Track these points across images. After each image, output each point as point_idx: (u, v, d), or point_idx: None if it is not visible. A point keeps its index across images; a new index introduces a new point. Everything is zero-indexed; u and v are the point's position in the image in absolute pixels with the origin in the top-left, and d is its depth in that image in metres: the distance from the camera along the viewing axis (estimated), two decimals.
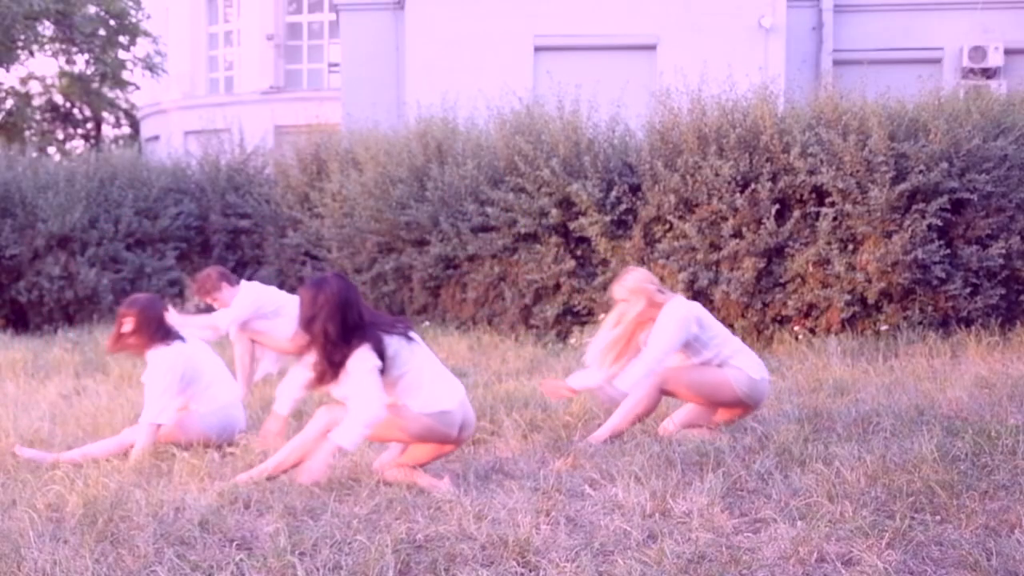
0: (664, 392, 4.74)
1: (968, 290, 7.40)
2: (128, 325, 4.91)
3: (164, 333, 4.93)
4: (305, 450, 4.07)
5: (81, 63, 22.44)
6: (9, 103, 23.10)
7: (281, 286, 11.11)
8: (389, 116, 12.55)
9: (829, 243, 7.47)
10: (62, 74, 24.17)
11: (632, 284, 4.76)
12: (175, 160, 12.81)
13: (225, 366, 5.29)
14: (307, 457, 4.05)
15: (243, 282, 6.57)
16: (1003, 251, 7.36)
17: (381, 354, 3.93)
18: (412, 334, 4.12)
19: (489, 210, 8.48)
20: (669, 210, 7.83)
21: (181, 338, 5.00)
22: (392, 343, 3.99)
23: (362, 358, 3.92)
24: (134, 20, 21.95)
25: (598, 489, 3.89)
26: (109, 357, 7.58)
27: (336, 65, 18.53)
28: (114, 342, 5.01)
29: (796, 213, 7.56)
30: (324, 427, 4.02)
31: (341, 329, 3.92)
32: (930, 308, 7.49)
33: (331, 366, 3.95)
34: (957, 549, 3.13)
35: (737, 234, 7.69)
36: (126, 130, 26.62)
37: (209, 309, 6.86)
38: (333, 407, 4.09)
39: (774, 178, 7.66)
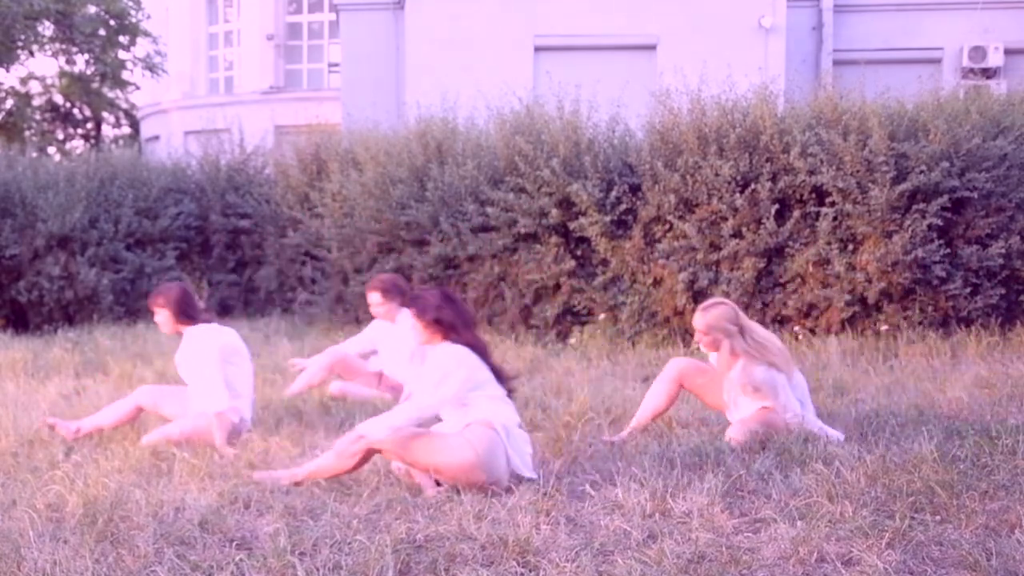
0: None
1: (968, 290, 7.40)
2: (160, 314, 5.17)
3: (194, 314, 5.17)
4: (332, 472, 4.05)
5: (81, 63, 22.46)
6: (9, 103, 23.11)
7: (281, 286, 11.15)
8: (389, 116, 12.55)
9: (829, 243, 7.47)
10: (62, 74, 24.18)
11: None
12: (175, 160, 12.82)
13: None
14: (328, 478, 4.06)
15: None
16: (1003, 251, 7.36)
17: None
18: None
19: (489, 210, 8.47)
20: (669, 210, 7.83)
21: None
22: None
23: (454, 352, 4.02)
24: (134, 20, 21.98)
25: (598, 489, 3.89)
26: (109, 357, 7.60)
27: (336, 65, 18.52)
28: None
29: (796, 213, 7.56)
30: (368, 454, 4.02)
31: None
32: (930, 308, 7.48)
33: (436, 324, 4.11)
34: (957, 549, 3.13)
35: (737, 234, 7.69)
36: (126, 130, 26.62)
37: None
38: (369, 422, 4.10)
39: (774, 178, 7.66)
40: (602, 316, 8.13)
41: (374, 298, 6.21)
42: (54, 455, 4.75)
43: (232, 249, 11.71)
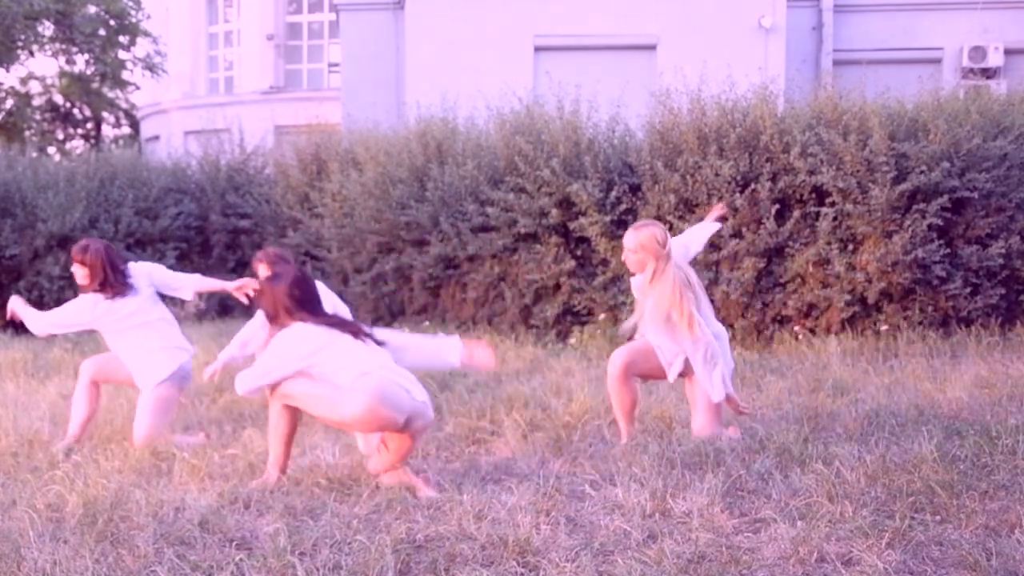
0: None
1: (968, 290, 7.41)
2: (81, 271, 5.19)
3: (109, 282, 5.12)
4: (285, 441, 4.14)
5: (81, 63, 22.45)
6: (9, 103, 23.10)
7: None
8: (389, 116, 12.56)
9: (829, 243, 7.47)
10: (62, 74, 24.18)
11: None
12: (175, 160, 12.84)
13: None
14: (289, 448, 4.19)
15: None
16: (1003, 251, 7.36)
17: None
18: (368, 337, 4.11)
19: (489, 210, 8.48)
20: (669, 210, 7.83)
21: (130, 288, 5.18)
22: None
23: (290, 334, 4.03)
24: (134, 20, 21.97)
25: (598, 489, 3.89)
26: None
27: (336, 65, 18.54)
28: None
29: (796, 213, 7.56)
30: (288, 411, 4.10)
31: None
32: (930, 308, 7.49)
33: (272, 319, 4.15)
34: (957, 549, 3.13)
35: (737, 234, 7.69)
36: (126, 130, 26.62)
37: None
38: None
39: (774, 178, 7.66)
40: (602, 316, 8.13)
41: (262, 270, 6.19)
42: (54, 455, 4.76)
43: (232, 249, 11.71)
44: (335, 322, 4.12)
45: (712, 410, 4.64)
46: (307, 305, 4.11)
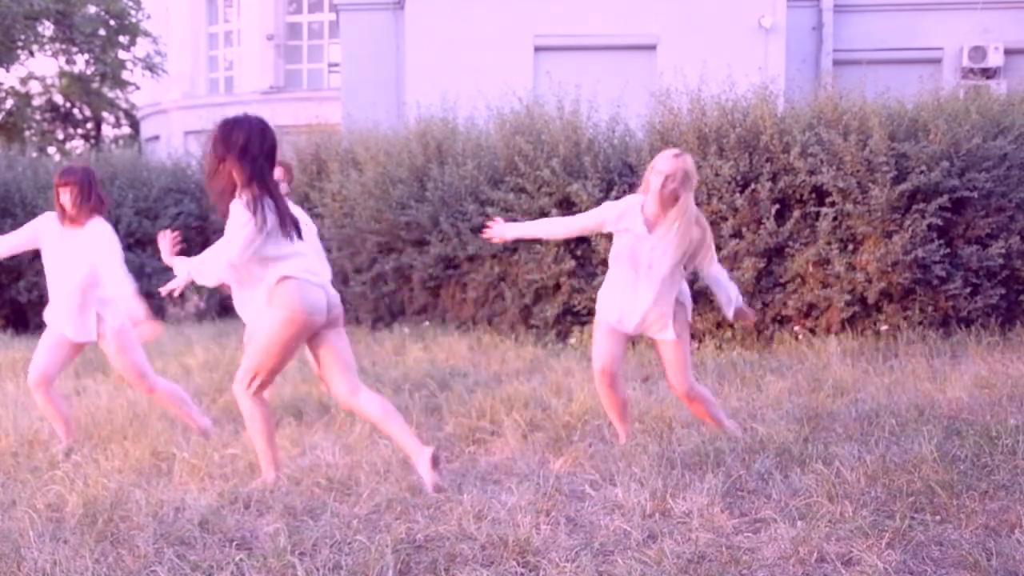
0: None
1: (968, 290, 7.41)
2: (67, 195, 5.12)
3: (100, 202, 5.26)
4: (267, 437, 4.15)
5: (81, 63, 22.47)
6: (9, 103, 23.10)
7: None
8: (389, 116, 12.55)
9: (829, 243, 7.47)
10: (62, 74, 24.18)
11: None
12: (175, 160, 12.84)
13: None
14: (273, 443, 4.20)
15: None
16: (1003, 251, 7.36)
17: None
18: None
19: (489, 210, 8.46)
20: None
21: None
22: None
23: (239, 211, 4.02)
24: (134, 20, 22.00)
25: (598, 489, 3.89)
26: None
27: (336, 65, 18.54)
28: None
29: (796, 213, 7.56)
30: (258, 406, 4.10)
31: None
32: (930, 308, 7.49)
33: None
34: (957, 549, 3.13)
35: (737, 234, 7.69)
36: (126, 130, 26.62)
37: None
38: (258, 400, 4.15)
39: (774, 178, 7.66)
40: None
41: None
42: (54, 455, 4.77)
43: None
44: (272, 208, 4.08)
45: (686, 363, 4.61)
46: (258, 170, 4.17)
